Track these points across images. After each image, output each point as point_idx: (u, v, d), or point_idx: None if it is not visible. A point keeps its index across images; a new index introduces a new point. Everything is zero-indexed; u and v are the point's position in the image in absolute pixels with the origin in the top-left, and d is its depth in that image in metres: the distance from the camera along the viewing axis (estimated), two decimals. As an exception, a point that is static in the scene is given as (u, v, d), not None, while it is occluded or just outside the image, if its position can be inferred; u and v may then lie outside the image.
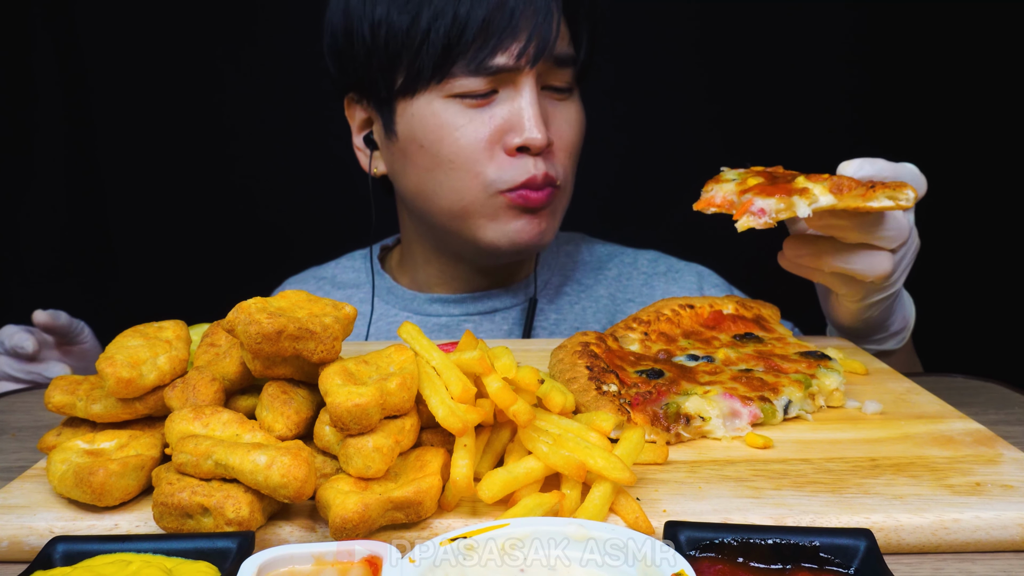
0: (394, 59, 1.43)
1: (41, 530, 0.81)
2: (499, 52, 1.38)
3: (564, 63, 1.46)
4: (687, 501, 0.82)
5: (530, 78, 1.41)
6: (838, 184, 1.04)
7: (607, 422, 0.86)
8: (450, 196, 1.47)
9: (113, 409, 0.89)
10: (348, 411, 0.77)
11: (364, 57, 1.47)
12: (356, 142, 1.62)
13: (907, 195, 1.04)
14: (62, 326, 1.53)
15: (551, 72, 1.46)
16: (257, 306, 0.84)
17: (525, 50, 1.39)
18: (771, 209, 1.03)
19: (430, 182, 1.48)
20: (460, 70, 1.40)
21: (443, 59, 1.39)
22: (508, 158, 1.43)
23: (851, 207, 1.04)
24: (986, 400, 1.18)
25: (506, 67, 1.39)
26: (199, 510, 0.76)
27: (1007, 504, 0.80)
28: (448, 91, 1.42)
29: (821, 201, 1.03)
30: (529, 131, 1.40)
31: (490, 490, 0.77)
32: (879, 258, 1.13)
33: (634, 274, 1.75)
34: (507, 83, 1.42)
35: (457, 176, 1.45)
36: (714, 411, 0.98)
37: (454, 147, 1.43)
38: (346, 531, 0.73)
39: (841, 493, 0.83)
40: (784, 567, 0.69)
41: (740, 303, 1.25)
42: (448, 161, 1.44)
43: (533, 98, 1.42)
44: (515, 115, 1.42)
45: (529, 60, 1.39)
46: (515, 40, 1.38)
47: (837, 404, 1.07)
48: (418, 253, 1.67)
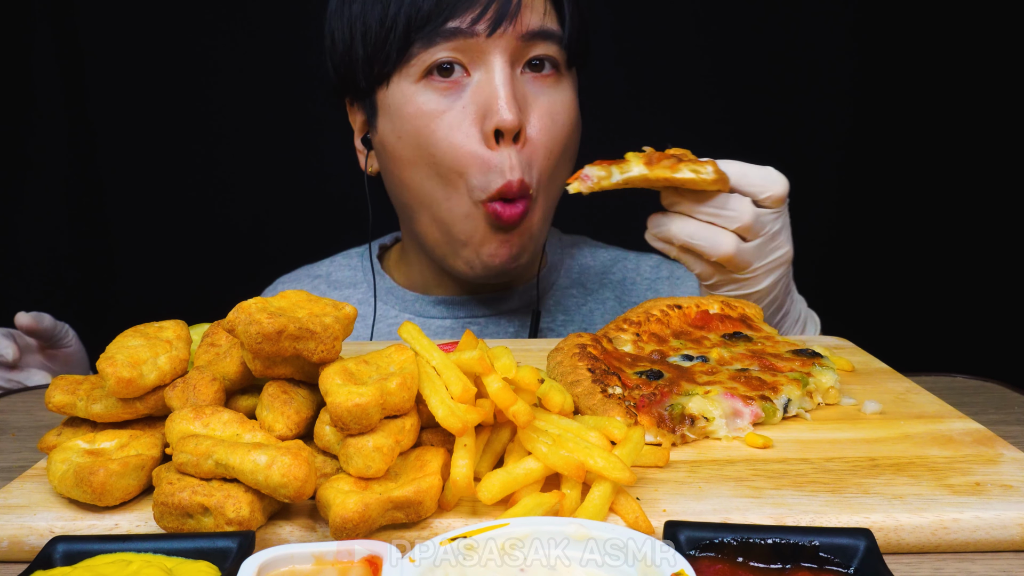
0: (369, 50, 1.43)
1: (41, 530, 0.81)
2: (452, 19, 1.36)
3: (540, 38, 1.41)
4: (687, 501, 0.83)
5: (499, 54, 1.38)
6: (650, 157, 1.22)
7: (619, 429, 0.85)
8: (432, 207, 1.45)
9: (113, 409, 0.89)
10: (348, 411, 0.77)
11: (346, 55, 1.48)
12: (356, 143, 1.63)
13: (707, 170, 1.21)
14: (46, 329, 1.48)
15: (527, 52, 1.42)
16: (257, 306, 0.84)
17: (482, 16, 1.36)
18: (593, 175, 1.23)
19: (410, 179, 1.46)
20: (419, 44, 1.38)
21: (404, 37, 1.38)
22: (489, 153, 1.39)
23: (660, 177, 1.22)
24: (986, 400, 1.18)
25: (460, 30, 1.36)
26: (199, 510, 0.76)
27: (1007, 504, 0.81)
28: (416, 73, 1.40)
29: (633, 171, 1.22)
30: (501, 111, 1.36)
31: (489, 491, 0.77)
32: (721, 236, 1.24)
33: (637, 279, 1.75)
34: (478, 62, 1.39)
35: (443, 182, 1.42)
36: (717, 411, 0.98)
37: (432, 139, 1.40)
38: (346, 531, 0.73)
39: (841, 493, 0.83)
40: (784, 567, 0.69)
41: (725, 302, 1.25)
42: (429, 155, 1.41)
43: (504, 76, 1.37)
44: (487, 95, 1.38)
45: (488, 26, 1.36)
46: (471, 7, 1.36)
47: (833, 401, 1.07)
48: (413, 254, 1.66)
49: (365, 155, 1.60)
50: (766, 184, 1.25)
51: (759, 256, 1.28)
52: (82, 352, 1.59)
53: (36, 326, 1.47)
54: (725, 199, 1.24)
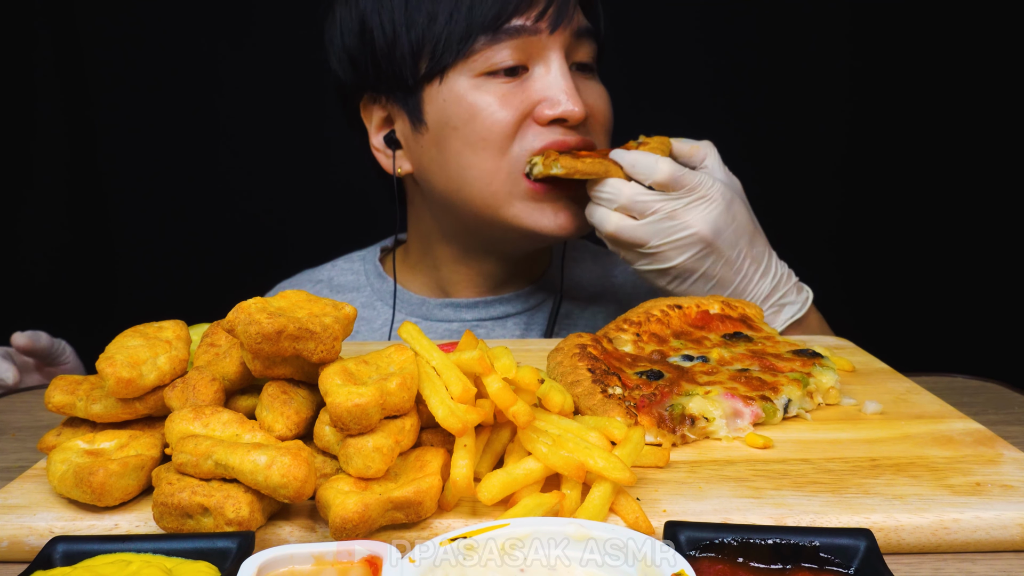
0: (417, 45, 1.44)
1: (41, 530, 0.81)
2: (516, 16, 1.41)
3: (586, 35, 1.50)
4: (687, 501, 0.82)
5: (558, 50, 1.44)
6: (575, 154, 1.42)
7: (619, 429, 0.85)
8: (480, 181, 1.46)
9: (113, 409, 0.89)
10: (348, 411, 0.77)
11: (387, 50, 1.47)
12: (375, 143, 1.59)
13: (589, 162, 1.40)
14: (43, 348, 1.48)
15: (577, 48, 1.49)
16: (257, 306, 0.84)
17: (544, 13, 1.42)
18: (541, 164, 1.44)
19: (461, 169, 1.47)
20: (482, 40, 1.41)
21: (466, 33, 1.41)
22: (537, 128, 1.44)
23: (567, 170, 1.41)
24: (986, 400, 1.18)
25: (525, 28, 1.41)
26: (199, 510, 0.76)
27: (1007, 504, 0.81)
28: (475, 68, 1.43)
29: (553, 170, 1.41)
30: (565, 103, 1.42)
31: (489, 492, 0.77)
32: (604, 214, 1.40)
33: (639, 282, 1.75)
34: (536, 58, 1.45)
35: (488, 156, 1.44)
36: (717, 411, 0.98)
37: (487, 123, 1.44)
38: (346, 531, 0.73)
39: (841, 493, 0.83)
40: (784, 567, 0.69)
41: (725, 302, 1.25)
42: (481, 139, 1.44)
43: (565, 70, 1.45)
44: (549, 88, 1.43)
45: (549, 23, 1.42)
46: (533, 5, 1.42)
47: (834, 401, 1.08)
48: (441, 254, 1.64)
49: (391, 156, 1.57)
50: (648, 171, 1.37)
51: (655, 234, 1.37)
52: (80, 368, 1.57)
53: (33, 346, 1.47)
54: (605, 182, 1.40)
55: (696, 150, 1.47)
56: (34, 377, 1.51)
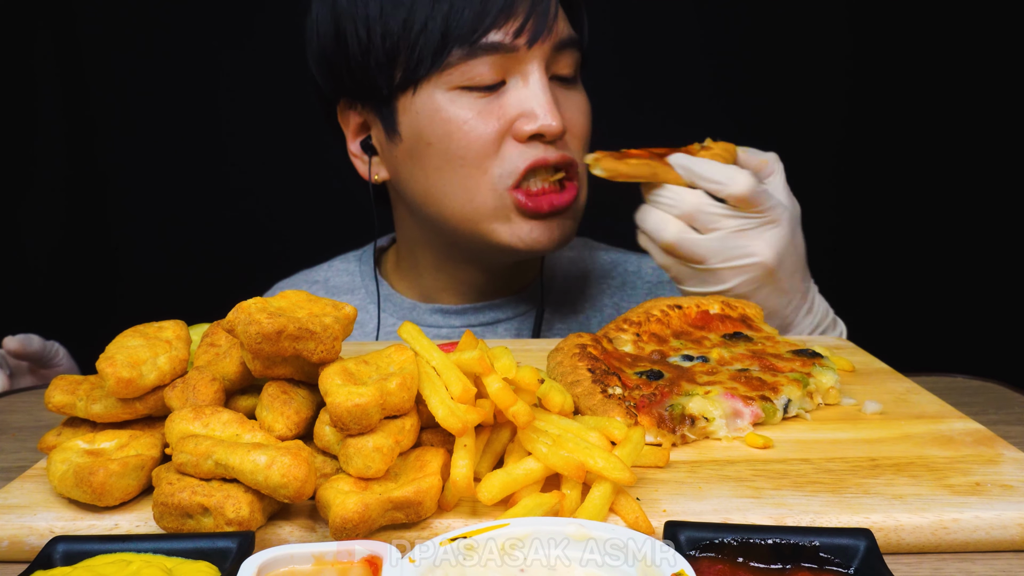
0: (391, 53, 1.40)
1: (41, 530, 0.81)
2: (494, 30, 1.36)
3: (568, 46, 1.44)
4: (687, 501, 0.82)
5: (537, 63, 1.39)
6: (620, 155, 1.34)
7: (619, 429, 0.85)
8: (460, 197, 1.42)
9: (113, 409, 0.89)
10: (348, 411, 0.77)
11: (360, 57, 1.42)
12: (352, 148, 1.57)
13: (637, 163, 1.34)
14: (35, 351, 1.47)
15: (557, 59, 1.43)
16: (257, 306, 0.84)
17: (523, 28, 1.36)
18: None
19: (439, 183, 1.43)
20: (457, 54, 1.36)
21: (441, 45, 1.36)
22: (516, 144, 1.39)
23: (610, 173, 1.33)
24: (986, 400, 1.18)
25: (503, 45, 1.36)
26: (199, 510, 0.76)
27: (1007, 504, 0.81)
28: (451, 82, 1.39)
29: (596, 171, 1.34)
30: (543, 118, 1.37)
31: (489, 492, 0.77)
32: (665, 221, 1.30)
33: (638, 283, 1.74)
34: (514, 71, 1.39)
35: (467, 174, 1.40)
36: (717, 411, 0.98)
37: (464, 141, 1.39)
38: (346, 531, 0.73)
39: (841, 493, 0.83)
40: (784, 567, 0.69)
41: (725, 302, 1.25)
42: (459, 158, 1.40)
43: (544, 83, 1.39)
44: (526, 103, 1.38)
45: (528, 38, 1.36)
46: (512, 18, 1.36)
47: (834, 401, 1.07)
48: (423, 260, 1.62)
49: (368, 163, 1.55)
50: (726, 181, 1.27)
51: (717, 253, 1.28)
52: (74, 369, 1.56)
53: (24, 349, 1.46)
54: (664, 186, 1.30)
55: (764, 164, 1.37)
56: (28, 380, 1.50)
